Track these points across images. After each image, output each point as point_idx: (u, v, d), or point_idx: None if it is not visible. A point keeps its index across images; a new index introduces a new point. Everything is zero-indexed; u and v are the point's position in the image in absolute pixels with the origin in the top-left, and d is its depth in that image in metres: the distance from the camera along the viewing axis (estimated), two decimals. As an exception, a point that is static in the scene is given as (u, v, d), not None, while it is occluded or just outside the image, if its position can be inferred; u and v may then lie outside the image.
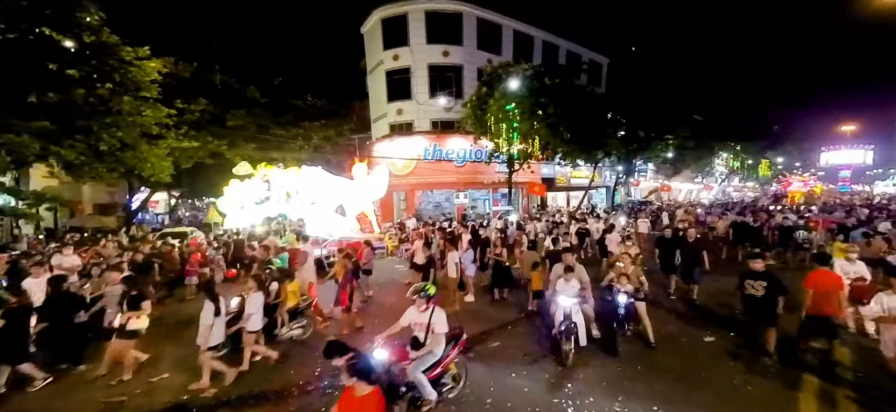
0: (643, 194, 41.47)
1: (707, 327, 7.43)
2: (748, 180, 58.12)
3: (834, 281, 5.88)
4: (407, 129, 27.36)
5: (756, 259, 6.18)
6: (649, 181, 43.36)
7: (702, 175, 48.94)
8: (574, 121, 20.63)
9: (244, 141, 25.32)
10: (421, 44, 25.97)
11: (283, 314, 7.42)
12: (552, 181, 31.85)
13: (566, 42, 32.31)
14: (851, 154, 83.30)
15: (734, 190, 55.67)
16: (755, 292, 5.96)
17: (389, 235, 18.90)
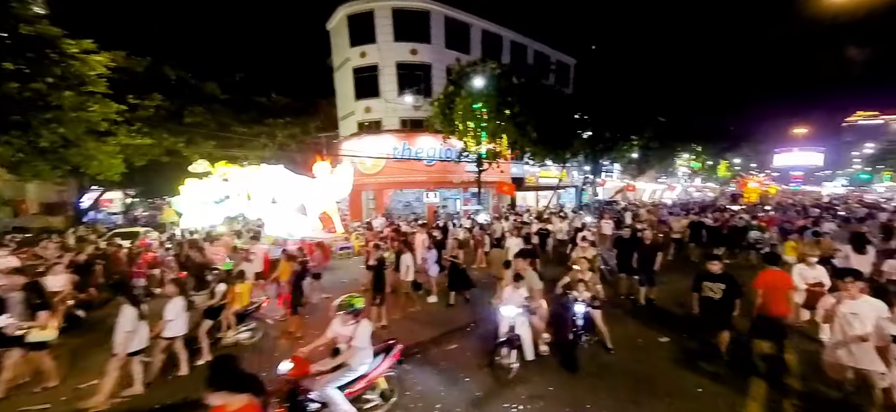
0: (610, 194, 42.40)
1: (662, 329, 7.47)
2: (709, 181, 60.58)
3: (783, 281, 5.86)
4: (375, 127, 26.94)
5: (713, 261, 6.11)
6: (615, 181, 44.38)
7: (665, 175, 50.54)
8: (541, 120, 20.78)
9: (203, 138, 24.30)
10: (388, 41, 25.60)
11: (229, 317, 7.04)
12: (521, 181, 32.09)
13: (534, 43, 32.63)
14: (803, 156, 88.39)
15: (696, 190, 57.79)
16: (713, 294, 5.89)
17: (356, 235, 18.63)
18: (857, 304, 4.49)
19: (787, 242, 11.04)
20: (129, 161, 21.47)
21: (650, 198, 47.18)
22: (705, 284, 5.98)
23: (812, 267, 6.48)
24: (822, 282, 6.32)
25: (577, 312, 6.20)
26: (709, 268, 6.07)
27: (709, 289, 5.93)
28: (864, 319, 4.38)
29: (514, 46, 31.00)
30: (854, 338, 4.37)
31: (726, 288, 5.82)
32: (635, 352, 6.64)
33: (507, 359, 5.65)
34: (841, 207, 28.33)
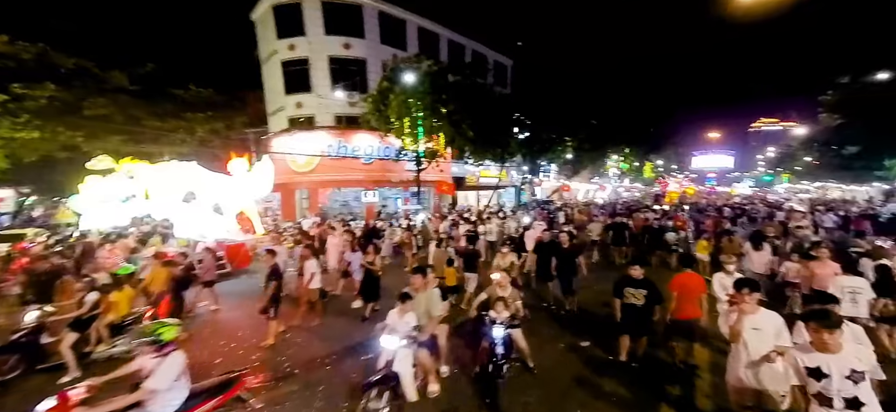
0: (547, 194, 43.75)
1: (583, 335, 7.15)
2: (637, 181, 64.66)
3: (696, 283, 5.81)
4: (308, 123, 25.63)
5: (635, 265, 5.93)
6: (552, 181, 45.88)
7: (598, 176, 53.16)
8: (477, 119, 20.74)
9: (108, 133, 21.80)
10: (319, 34, 24.45)
11: (101, 329, 6.04)
12: (462, 180, 32.09)
13: (472, 42, 32.83)
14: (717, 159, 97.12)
15: (625, 190, 61.36)
16: (636, 301, 5.72)
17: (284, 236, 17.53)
18: (756, 318, 4.12)
19: (699, 241, 11.54)
20: (15, 156, 18.93)
21: (584, 197, 49.36)
22: (627, 290, 5.81)
23: (730, 274, 6.01)
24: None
25: (496, 337, 5.23)
26: (630, 273, 5.89)
27: (631, 295, 5.76)
28: (765, 335, 4.01)
29: (452, 45, 30.96)
30: (760, 358, 3.96)
31: (648, 293, 5.70)
32: (551, 359, 6.39)
33: (375, 404, 4.53)
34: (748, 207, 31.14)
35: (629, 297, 5.77)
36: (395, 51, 25.49)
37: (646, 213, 17.86)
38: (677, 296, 5.72)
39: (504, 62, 37.21)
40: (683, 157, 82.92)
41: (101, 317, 6.10)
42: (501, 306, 5.49)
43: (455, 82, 20.74)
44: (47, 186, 24.59)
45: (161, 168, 14.77)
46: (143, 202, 15.23)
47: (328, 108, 25.24)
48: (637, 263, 5.97)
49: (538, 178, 41.41)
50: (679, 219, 16.39)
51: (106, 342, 6.12)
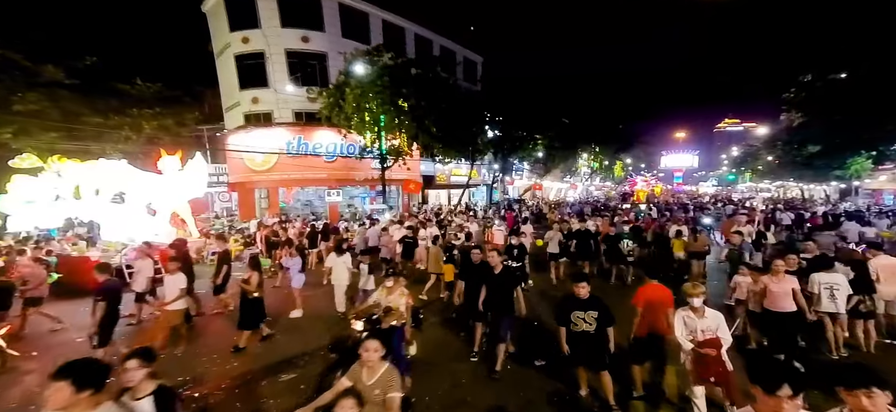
0: (519, 192, 43.49)
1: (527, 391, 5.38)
2: (607, 180, 65.39)
3: (663, 295, 5.01)
4: (265, 119, 24.34)
5: (580, 282, 4.78)
6: (524, 180, 45.66)
7: (569, 174, 53.34)
8: (442, 114, 19.99)
9: (42, 129, 20.01)
10: (274, 27, 23.23)
11: None
12: (432, 179, 31.34)
13: (440, 37, 32.13)
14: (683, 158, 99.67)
15: (596, 189, 61.92)
16: (587, 326, 4.63)
17: (234, 238, 16.40)
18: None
19: (675, 240, 10.59)
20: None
21: (556, 196, 49.37)
22: (575, 315, 4.69)
23: (699, 313, 4.34)
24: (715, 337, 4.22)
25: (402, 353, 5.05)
26: (575, 293, 4.76)
27: (580, 320, 4.67)
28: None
29: (419, 40, 30.18)
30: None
31: (600, 316, 4.65)
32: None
33: None
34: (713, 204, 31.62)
35: (579, 324, 4.67)
36: (358, 45, 24.48)
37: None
38: (642, 311, 4.97)
39: (474, 59, 36.68)
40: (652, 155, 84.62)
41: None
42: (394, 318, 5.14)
43: (417, 76, 19.88)
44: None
45: (90, 166, 13.52)
46: (72, 202, 14.00)
47: (287, 103, 24.03)
48: (584, 279, 4.84)
49: (510, 177, 41.07)
50: (645, 221, 15.67)
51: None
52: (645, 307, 4.96)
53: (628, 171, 64.90)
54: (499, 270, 5.91)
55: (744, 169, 63.19)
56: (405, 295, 5.52)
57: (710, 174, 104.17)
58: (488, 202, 33.65)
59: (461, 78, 31.77)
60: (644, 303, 4.98)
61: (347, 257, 8.23)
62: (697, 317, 4.29)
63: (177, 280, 6.45)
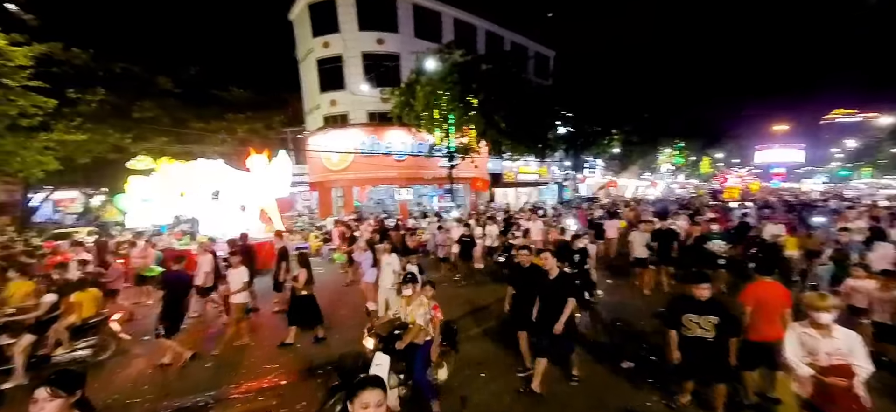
0: (592, 190, 41.56)
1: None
2: (692, 177, 60.30)
3: (777, 294, 4.47)
4: (342, 121, 25.51)
5: (701, 282, 4.20)
6: (597, 177, 43.54)
7: (649, 171, 49.98)
8: (512, 110, 19.58)
9: (155, 134, 22.71)
10: (352, 31, 24.18)
11: (61, 331, 5.69)
12: (499, 176, 30.94)
13: (511, 33, 31.50)
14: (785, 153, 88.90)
15: (679, 186, 57.41)
16: (704, 333, 4.12)
17: (314, 235, 17.42)
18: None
19: (788, 238, 9.69)
20: (72, 158, 19.97)
21: (633, 194, 46.48)
22: (688, 318, 4.19)
23: (824, 332, 3.35)
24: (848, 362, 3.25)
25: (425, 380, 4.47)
26: (694, 294, 4.21)
27: (695, 324, 4.14)
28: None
29: (490, 37, 29.83)
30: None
31: (720, 321, 4.10)
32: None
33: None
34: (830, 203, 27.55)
35: (692, 328, 4.14)
36: (430, 44, 24.78)
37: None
38: (752, 312, 4.40)
39: (546, 53, 35.56)
40: (746, 150, 76.59)
41: (61, 320, 5.80)
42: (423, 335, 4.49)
43: (487, 72, 19.64)
44: (99, 187, 26.04)
45: (191, 166, 14.97)
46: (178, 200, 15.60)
47: (361, 104, 24.96)
48: (705, 279, 4.24)
49: (582, 174, 39.39)
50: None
51: (65, 345, 5.78)
52: (755, 307, 4.39)
53: (717, 167, 59.28)
54: (554, 275, 4.96)
55: (861, 163, 55.04)
56: (427, 305, 4.65)
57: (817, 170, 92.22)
58: (558, 200, 32.53)
59: (532, 73, 30.97)
60: (755, 303, 4.41)
61: (395, 258, 7.58)
62: (822, 335, 3.34)
63: (240, 273, 6.63)
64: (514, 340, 5.69)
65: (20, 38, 15.58)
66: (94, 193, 27.92)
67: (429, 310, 4.61)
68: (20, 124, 15.81)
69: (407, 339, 4.36)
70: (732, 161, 64.62)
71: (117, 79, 22.04)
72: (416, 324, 4.45)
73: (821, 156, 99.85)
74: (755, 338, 4.38)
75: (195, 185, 14.05)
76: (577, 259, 7.54)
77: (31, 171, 17.03)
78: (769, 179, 67.77)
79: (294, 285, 6.75)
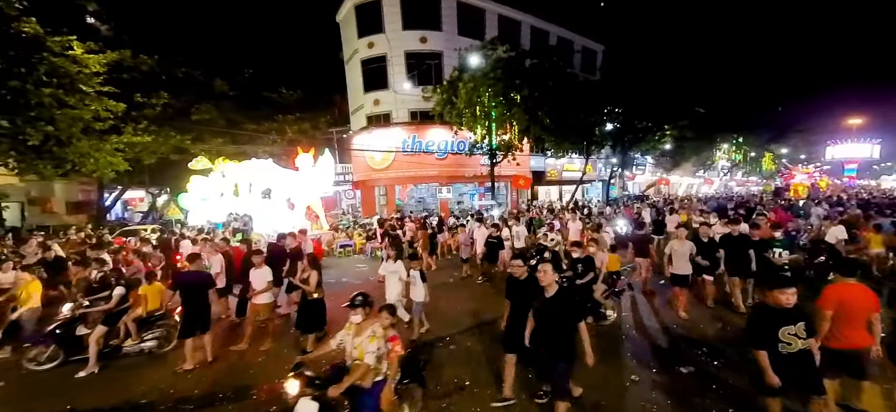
0: (641, 188, 39.81)
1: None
2: (752, 174, 56.35)
3: (864, 297, 4.04)
4: (384, 120, 25.87)
5: (787, 287, 3.63)
6: (647, 175, 41.64)
7: (703, 168, 47.20)
8: (555, 105, 19.01)
9: (211, 135, 24.05)
10: (396, 30, 24.40)
11: (129, 323, 6.05)
12: (542, 174, 30.31)
13: (557, 28, 30.66)
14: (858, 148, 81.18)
15: (737, 184, 53.84)
16: (803, 344, 3.61)
17: (357, 232, 17.78)
18: None
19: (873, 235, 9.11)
20: (138, 158, 21.48)
21: (685, 192, 44.07)
22: (785, 331, 3.61)
23: None
24: None
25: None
26: (781, 301, 3.63)
27: (790, 336, 3.60)
28: None
29: (535, 32, 29.17)
30: None
31: (807, 325, 3.67)
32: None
33: None
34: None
35: (793, 342, 3.59)
36: (473, 42, 24.57)
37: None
38: (834, 316, 3.98)
39: (594, 47, 34.36)
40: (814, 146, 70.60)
41: (130, 312, 6.17)
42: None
43: (531, 67, 19.16)
44: (165, 186, 27.85)
45: (244, 166, 15.66)
46: (232, 198, 16.40)
47: (404, 103, 25.19)
48: (792, 284, 3.65)
49: (631, 172, 37.76)
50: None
51: (134, 337, 6.14)
52: (837, 311, 3.98)
53: (781, 163, 55.00)
54: (551, 293, 4.06)
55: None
56: (381, 337, 3.68)
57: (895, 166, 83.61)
58: (605, 199, 31.36)
59: (579, 68, 29.99)
60: (837, 307, 3.99)
61: (401, 265, 6.83)
62: None
63: (263, 273, 6.53)
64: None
65: (94, 47, 16.78)
66: (159, 193, 30.00)
67: (383, 344, 3.68)
68: (94, 127, 17.05)
69: (347, 382, 3.41)
70: (798, 157, 59.75)
71: (179, 83, 23.52)
72: (362, 361, 3.51)
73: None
74: (837, 346, 3.96)
75: (247, 183, 14.69)
76: (580, 269, 6.69)
77: (103, 172, 18.32)
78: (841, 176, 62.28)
79: (304, 288, 6.32)
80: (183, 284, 6.01)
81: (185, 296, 5.88)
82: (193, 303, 5.86)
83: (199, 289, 5.91)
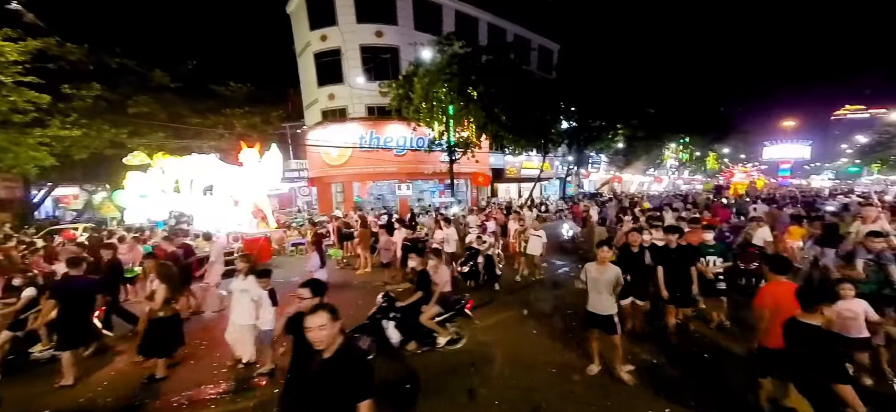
0: (596, 186, 41.04)
1: None
2: (697, 173, 59.58)
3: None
4: (340, 115, 25.17)
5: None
6: (601, 173, 43.02)
7: (653, 167, 49.34)
8: (512, 103, 19.13)
9: (151, 129, 22.46)
10: (350, 23, 23.76)
11: (40, 327, 5.42)
12: (501, 172, 30.57)
13: (514, 25, 30.96)
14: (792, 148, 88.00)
15: (684, 182, 56.69)
16: None
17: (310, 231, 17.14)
18: None
19: (791, 227, 9.20)
20: (68, 154, 19.78)
21: (637, 190, 45.87)
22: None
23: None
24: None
25: None
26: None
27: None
28: None
29: (492, 29, 29.30)
30: None
31: None
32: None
33: None
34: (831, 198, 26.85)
35: None
36: (430, 37, 24.34)
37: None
38: (770, 316, 3.98)
39: (550, 46, 35.00)
40: (753, 146, 75.78)
41: (41, 317, 5.50)
42: None
43: (487, 63, 19.17)
44: (99, 182, 25.96)
45: (184, 161, 14.70)
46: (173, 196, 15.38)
47: (360, 98, 24.59)
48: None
49: (586, 170, 38.85)
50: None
51: (43, 342, 5.54)
52: (773, 309, 3.96)
53: (724, 162, 58.50)
54: (332, 352, 2.51)
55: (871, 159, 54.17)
56: None
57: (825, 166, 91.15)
58: (562, 196, 32.07)
59: (535, 66, 30.45)
60: (773, 305, 3.99)
61: (252, 281, 5.33)
62: None
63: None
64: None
65: (13, 34, 15.45)
66: (95, 189, 27.85)
67: None
68: (13, 120, 15.58)
69: None
70: (739, 156, 63.84)
71: (113, 74, 21.84)
72: None
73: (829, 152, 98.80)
74: (774, 345, 3.88)
75: (189, 180, 13.79)
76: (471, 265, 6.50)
77: (25, 167, 16.81)
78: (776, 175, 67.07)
79: (149, 305, 5.29)
80: (61, 291, 5.22)
81: (65, 305, 5.13)
82: (74, 313, 5.15)
83: (80, 296, 5.19)
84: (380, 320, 5.68)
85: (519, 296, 8.65)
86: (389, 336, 5.60)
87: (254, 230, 13.15)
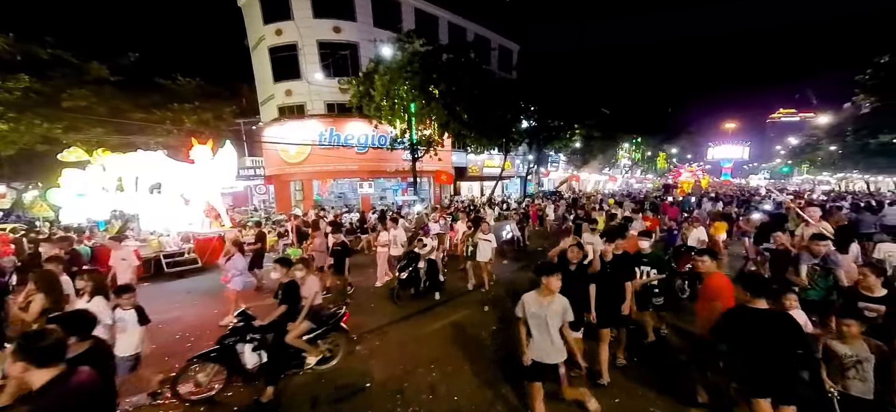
0: (555, 184, 42.14)
1: None
2: (649, 172, 62.52)
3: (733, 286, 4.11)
4: (298, 111, 24.41)
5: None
6: (560, 172, 44.21)
7: (608, 166, 51.27)
8: (473, 102, 19.25)
9: (90, 124, 20.89)
10: (307, 18, 23.09)
11: None
12: (464, 170, 30.73)
13: (474, 25, 31.20)
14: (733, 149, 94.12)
15: (636, 181, 59.29)
16: None
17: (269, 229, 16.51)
18: None
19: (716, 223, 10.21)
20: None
21: (593, 188, 47.52)
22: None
23: None
24: None
25: None
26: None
27: None
28: None
29: (453, 28, 29.40)
30: None
31: None
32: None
33: None
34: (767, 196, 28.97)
35: None
36: (391, 34, 24.07)
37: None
38: (712, 307, 4.02)
39: (510, 47, 35.56)
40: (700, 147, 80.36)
41: None
42: None
43: (448, 62, 19.17)
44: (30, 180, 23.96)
45: (129, 158, 13.79)
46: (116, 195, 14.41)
47: (319, 95, 23.98)
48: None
49: (546, 169, 39.81)
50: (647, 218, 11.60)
51: None
52: (721, 300, 4.00)
53: (672, 162, 61.75)
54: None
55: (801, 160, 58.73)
56: None
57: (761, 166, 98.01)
58: (522, 194, 32.67)
59: (496, 66, 30.84)
60: (716, 297, 4.06)
61: (100, 302, 4.37)
62: None
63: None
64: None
65: None
66: (25, 188, 25.61)
67: None
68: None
69: None
70: (686, 157, 67.58)
71: (45, 65, 20.16)
72: None
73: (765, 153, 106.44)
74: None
75: (134, 177, 12.90)
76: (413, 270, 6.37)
77: (-62, 163, 15.11)
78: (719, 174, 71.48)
79: (22, 317, 4.51)
80: None
81: None
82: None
83: None
84: (234, 344, 4.85)
85: (454, 309, 7.81)
86: (245, 361, 4.85)
87: (206, 230, 12.48)
